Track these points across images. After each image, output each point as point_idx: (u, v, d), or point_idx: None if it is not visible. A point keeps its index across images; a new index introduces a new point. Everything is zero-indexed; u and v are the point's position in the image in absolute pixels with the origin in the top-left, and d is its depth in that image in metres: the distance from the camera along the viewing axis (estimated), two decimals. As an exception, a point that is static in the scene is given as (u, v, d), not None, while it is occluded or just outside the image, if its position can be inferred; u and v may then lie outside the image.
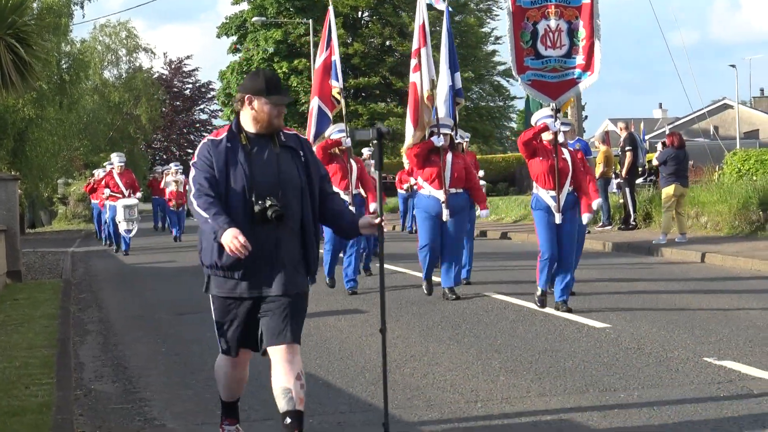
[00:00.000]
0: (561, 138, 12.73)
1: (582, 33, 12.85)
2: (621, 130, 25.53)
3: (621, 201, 25.84)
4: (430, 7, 16.48)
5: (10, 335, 12.22)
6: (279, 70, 59.09)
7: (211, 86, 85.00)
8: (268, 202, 6.31)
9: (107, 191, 26.58)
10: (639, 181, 24.85)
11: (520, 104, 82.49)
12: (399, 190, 30.14)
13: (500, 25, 68.72)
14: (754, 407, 7.67)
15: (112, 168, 27.14)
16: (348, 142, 15.37)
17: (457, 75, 15.31)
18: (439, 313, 12.97)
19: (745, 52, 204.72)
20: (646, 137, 25.66)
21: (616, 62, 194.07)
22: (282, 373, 6.40)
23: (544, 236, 12.67)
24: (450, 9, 16.17)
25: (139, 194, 26.96)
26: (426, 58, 14.61)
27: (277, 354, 6.43)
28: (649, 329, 11.17)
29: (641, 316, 12.09)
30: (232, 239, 6.18)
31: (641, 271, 17.27)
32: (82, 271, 22.50)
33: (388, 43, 60.52)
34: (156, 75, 75.67)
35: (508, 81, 66.42)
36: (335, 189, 7.51)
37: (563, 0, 12.87)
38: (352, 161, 15.59)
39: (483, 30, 63.33)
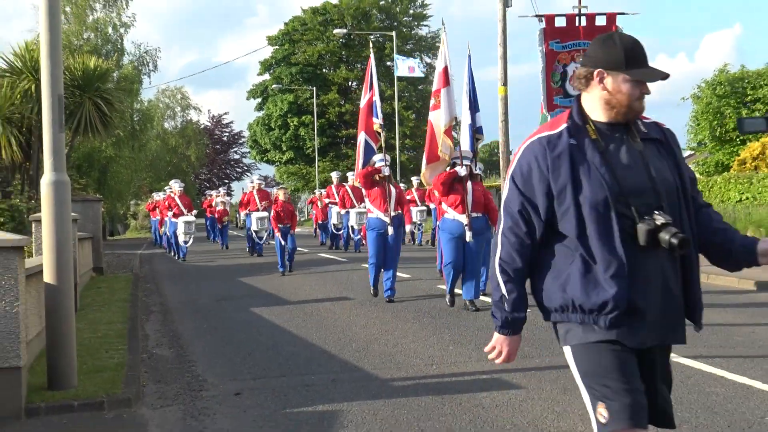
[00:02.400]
0: None
1: None
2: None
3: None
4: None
5: (95, 313, 12.21)
6: (291, 124, 59.05)
7: (242, 134, 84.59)
8: (660, 220, 3.26)
9: (170, 213, 25.32)
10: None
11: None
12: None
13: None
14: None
15: (171, 192, 26.17)
16: (387, 170, 13.37)
17: (478, 115, 13.55)
18: (406, 302, 13.00)
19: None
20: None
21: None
22: None
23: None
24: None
25: (194, 212, 26.20)
26: (446, 97, 12.96)
27: None
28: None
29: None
30: (506, 355, 3.58)
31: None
32: (147, 268, 22.39)
33: (372, 104, 60.46)
34: (202, 126, 75.68)
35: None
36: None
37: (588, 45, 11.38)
38: (391, 186, 13.37)
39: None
